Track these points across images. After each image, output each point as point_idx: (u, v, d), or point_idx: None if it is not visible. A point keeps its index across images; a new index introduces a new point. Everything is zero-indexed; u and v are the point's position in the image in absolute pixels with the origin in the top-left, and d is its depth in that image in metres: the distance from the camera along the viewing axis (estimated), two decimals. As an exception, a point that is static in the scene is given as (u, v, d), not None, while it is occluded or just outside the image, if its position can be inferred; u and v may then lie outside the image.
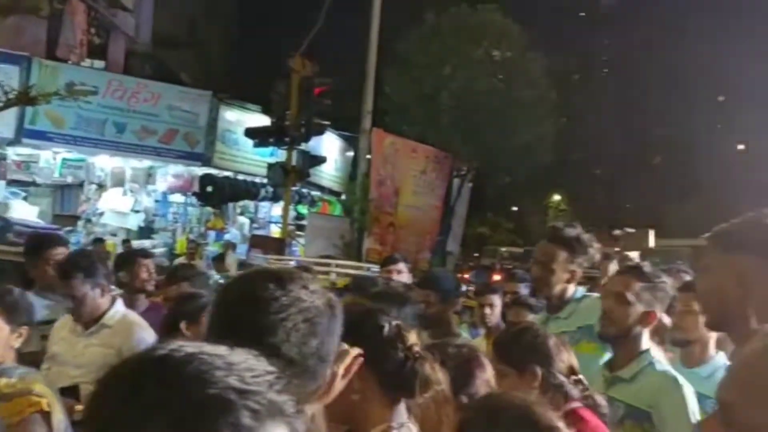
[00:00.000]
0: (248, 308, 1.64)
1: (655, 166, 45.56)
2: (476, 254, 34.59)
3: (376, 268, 9.68)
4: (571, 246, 3.99)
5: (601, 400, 3.02)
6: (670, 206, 36.46)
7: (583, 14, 49.38)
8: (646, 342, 3.57)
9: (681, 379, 3.39)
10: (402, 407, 2.31)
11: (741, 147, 37.39)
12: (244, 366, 0.89)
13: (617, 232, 24.17)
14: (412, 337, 2.35)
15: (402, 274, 6.13)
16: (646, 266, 3.73)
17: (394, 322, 2.31)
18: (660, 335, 4.57)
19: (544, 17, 35.72)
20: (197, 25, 29.34)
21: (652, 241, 13.47)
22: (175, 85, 20.67)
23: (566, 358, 3.04)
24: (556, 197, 47.07)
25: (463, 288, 11.33)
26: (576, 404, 2.96)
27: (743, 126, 33.67)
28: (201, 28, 30.05)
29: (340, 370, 2.20)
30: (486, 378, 2.80)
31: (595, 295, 3.96)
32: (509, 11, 22.14)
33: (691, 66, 34.35)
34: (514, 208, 42.46)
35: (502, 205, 39.67)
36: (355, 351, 2.21)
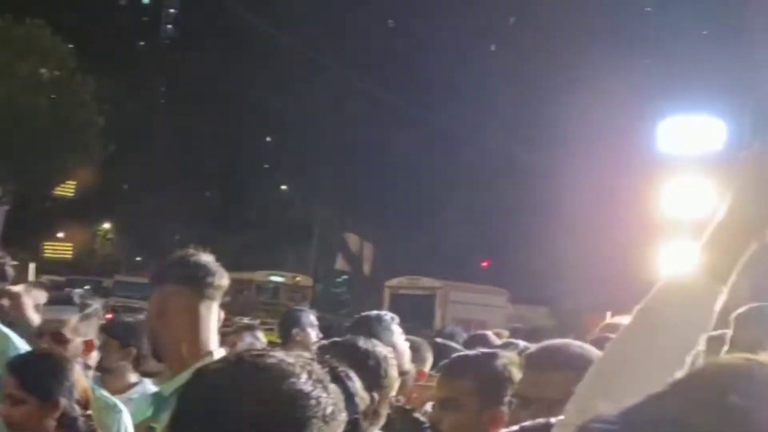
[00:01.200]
0: None
1: (208, 199, 46.66)
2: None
3: None
4: None
5: None
6: (222, 240, 37.56)
7: (143, 43, 49.33)
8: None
9: (119, 405, 3.52)
10: None
11: (284, 187, 39.91)
12: None
13: None
14: None
15: None
16: (75, 297, 3.75)
17: None
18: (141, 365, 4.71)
19: (100, 42, 34.97)
20: None
21: (32, 275, 13.67)
22: None
23: (84, 389, 3.00)
24: (106, 225, 46.03)
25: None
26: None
27: (287, 167, 36.01)
28: None
29: None
30: None
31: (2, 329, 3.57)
32: (60, 30, 21.28)
33: (244, 106, 35.91)
34: (60, 234, 40.73)
35: (47, 231, 37.79)
36: None
